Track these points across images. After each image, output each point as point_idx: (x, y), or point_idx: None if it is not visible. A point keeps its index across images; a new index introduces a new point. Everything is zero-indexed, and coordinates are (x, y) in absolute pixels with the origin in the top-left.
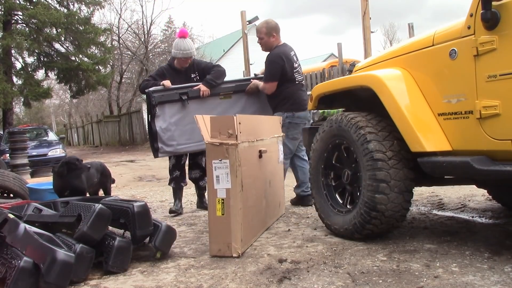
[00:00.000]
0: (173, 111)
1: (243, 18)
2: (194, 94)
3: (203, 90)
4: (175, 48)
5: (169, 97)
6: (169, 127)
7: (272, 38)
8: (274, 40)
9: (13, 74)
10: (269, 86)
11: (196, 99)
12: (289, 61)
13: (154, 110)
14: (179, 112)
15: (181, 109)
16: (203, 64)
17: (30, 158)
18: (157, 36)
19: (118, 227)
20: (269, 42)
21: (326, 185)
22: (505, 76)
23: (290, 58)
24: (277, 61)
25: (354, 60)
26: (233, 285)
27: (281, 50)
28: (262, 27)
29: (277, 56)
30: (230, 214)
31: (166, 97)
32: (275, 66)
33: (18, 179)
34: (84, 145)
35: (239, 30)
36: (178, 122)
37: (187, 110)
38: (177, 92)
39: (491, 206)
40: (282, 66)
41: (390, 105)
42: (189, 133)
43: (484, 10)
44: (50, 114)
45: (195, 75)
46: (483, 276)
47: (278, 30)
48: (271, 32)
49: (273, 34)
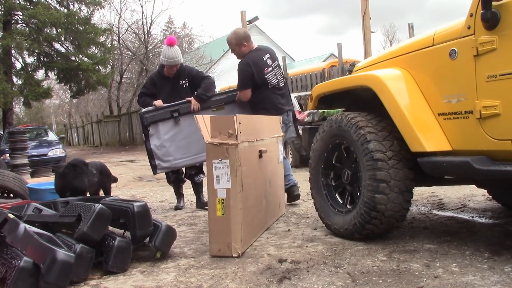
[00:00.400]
0: (166, 129)
1: (243, 18)
2: (185, 110)
3: (194, 104)
4: (163, 55)
5: (160, 116)
6: (163, 143)
7: (243, 47)
8: (245, 48)
9: (13, 74)
10: (242, 94)
11: (188, 114)
12: (258, 67)
13: (147, 130)
14: (172, 129)
15: (174, 126)
16: (193, 72)
17: (30, 158)
18: (157, 36)
19: (118, 227)
20: (241, 51)
21: (326, 185)
22: (505, 76)
23: (260, 63)
24: (245, 69)
25: (354, 60)
26: (233, 285)
27: (250, 57)
28: (231, 39)
29: (245, 64)
30: (230, 214)
31: (158, 116)
32: (244, 73)
33: (18, 179)
34: (84, 145)
35: None
36: (172, 138)
37: (180, 126)
38: (168, 110)
39: (491, 206)
40: (250, 73)
41: (390, 105)
42: (184, 147)
43: (484, 10)
44: (50, 114)
45: (185, 82)
46: (483, 276)
47: (248, 38)
48: (241, 42)
49: (243, 43)
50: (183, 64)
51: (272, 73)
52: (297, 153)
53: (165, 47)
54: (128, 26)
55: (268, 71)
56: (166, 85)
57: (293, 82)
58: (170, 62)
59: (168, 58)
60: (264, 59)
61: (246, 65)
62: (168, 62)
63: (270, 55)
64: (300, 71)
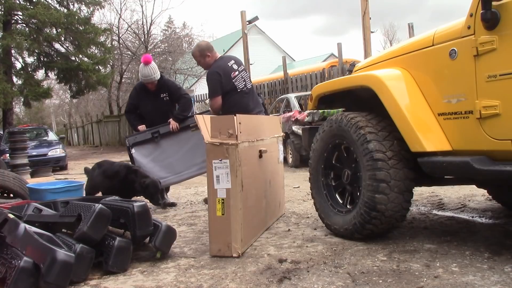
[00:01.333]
0: (149, 150)
1: (243, 18)
2: (165, 131)
3: (173, 125)
4: (140, 73)
5: (142, 137)
6: (148, 165)
7: (207, 58)
8: (210, 59)
9: (13, 74)
10: (214, 102)
11: (169, 135)
12: (226, 72)
13: (130, 151)
14: (155, 150)
15: (156, 147)
16: (172, 88)
17: (30, 158)
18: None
19: (118, 227)
20: (206, 62)
21: (326, 185)
22: (505, 76)
23: (227, 69)
24: (214, 77)
25: (354, 60)
26: (233, 285)
27: (216, 65)
28: (195, 51)
29: (213, 73)
30: (230, 214)
31: (140, 137)
32: (213, 81)
33: (18, 179)
34: (84, 145)
35: (239, 30)
36: (155, 159)
37: (162, 147)
38: (149, 132)
39: (491, 206)
40: (219, 80)
41: (390, 105)
42: (167, 167)
43: (484, 10)
44: (50, 114)
45: (165, 95)
46: (483, 276)
47: (210, 49)
48: (204, 53)
49: (207, 54)
50: (163, 77)
51: (239, 77)
52: (297, 153)
53: (141, 65)
54: (128, 26)
55: (235, 75)
56: (148, 97)
57: (293, 82)
58: (146, 80)
59: (144, 76)
60: (230, 65)
61: (214, 73)
62: (145, 80)
63: (235, 61)
64: (300, 71)
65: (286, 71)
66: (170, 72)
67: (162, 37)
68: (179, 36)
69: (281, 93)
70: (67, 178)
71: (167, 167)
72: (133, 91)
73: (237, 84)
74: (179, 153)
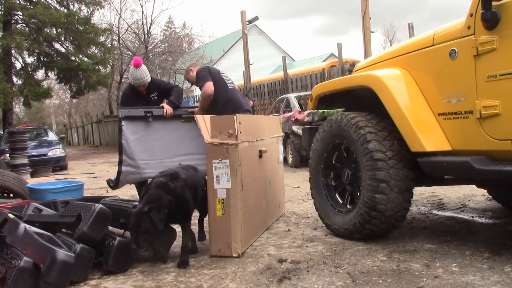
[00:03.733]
0: (138, 128)
1: (243, 18)
2: (158, 113)
3: (167, 109)
4: (131, 76)
5: (134, 113)
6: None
7: (191, 72)
8: (193, 72)
9: (13, 74)
10: (206, 87)
11: (160, 119)
12: (214, 69)
13: (120, 123)
14: (143, 130)
15: (145, 127)
16: (162, 85)
17: (30, 158)
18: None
19: (118, 227)
20: (191, 75)
21: (326, 185)
22: (505, 76)
23: (215, 68)
24: (202, 70)
25: (354, 60)
26: (233, 285)
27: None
28: (184, 74)
29: (199, 69)
30: (230, 214)
31: (132, 112)
32: (201, 73)
33: (18, 179)
34: (84, 145)
35: (239, 30)
36: (141, 138)
37: (150, 129)
38: (143, 109)
39: (491, 206)
40: (208, 71)
41: (390, 105)
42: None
43: (484, 10)
44: (50, 114)
45: (154, 95)
46: (483, 276)
47: (194, 64)
48: (188, 69)
49: (190, 69)
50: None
51: (226, 76)
52: (297, 153)
53: (132, 68)
54: (128, 26)
55: (222, 73)
56: (138, 99)
57: (293, 82)
58: (138, 83)
59: (135, 79)
60: (215, 68)
61: (201, 68)
62: (136, 83)
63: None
64: (300, 71)
65: (286, 71)
66: (170, 72)
67: (162, 37)
68: (179, 36)
69: (281, 93)
70: (67, 178)
71: (150, 149)
72: (123, 97)
73: (226, 80)
74: (164, 139)
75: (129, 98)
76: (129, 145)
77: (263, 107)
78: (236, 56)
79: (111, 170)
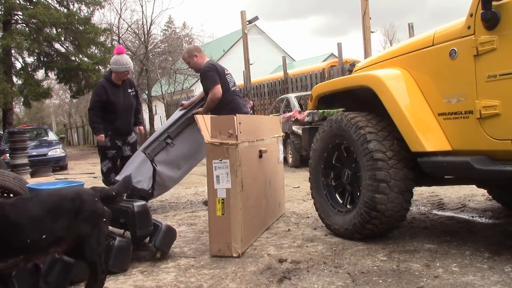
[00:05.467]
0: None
1: (243, 18)
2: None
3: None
4: (117, 63)
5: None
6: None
7: (195, 58)
8: (198, 59)
9: (13, 74)
10: (215, 91)
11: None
12: (220, 68)
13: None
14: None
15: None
16: (134, 84)
17: (30, 158)
18: (157, 36)
19: (118, 227)
20: (195, 61)
21: (326, 185)
22: (505, 76)
23: (220, 66)
24: (211, 69)
25: (354, 60)
26: (233, 285)
27: (210, 62)
28: (184, 54)
29: (209, 66)
30: (230, 214)
31: (156, 150)
32: (210, 72)
33: (18, 179)
34: (84, 145)
35: (239, 30)
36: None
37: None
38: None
39: (491, 206)
40: (216, 71)
41: (390, 105)
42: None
43: (484, 10)
44: (50, 114)
45: (132, 91)
46: (483, 276)
47: (198, 50)
48: (192, 53)
49: (194, 55)
50: None
51: (229, 76)
52: (297, 153)
53: (116, 56)
54: (128, 26)
55: (227, 73)
56: (118, 93)
57: (293, 82)
58: (126, 68)
59: (123, 64)
60: (221, 65)
61: (210, 66)
62: (125, 68)
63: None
64: (300, 71)
65: (286, 71)
66: (170, 72)
67: (162, 37)
68: (179, 36)
69: (281, 93)
70: (67, 178)
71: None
72: (101, 88)
73: (229, 82)
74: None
75: (107, 90)
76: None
77: (263, 107)
78: (236, 56)
79: None
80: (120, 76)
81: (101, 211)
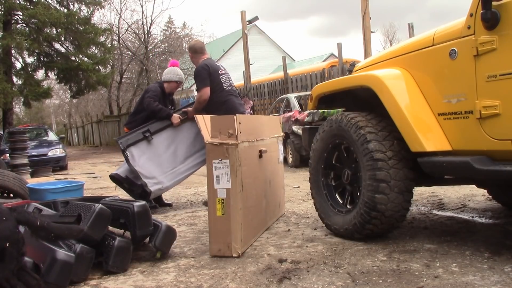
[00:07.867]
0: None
1: (243, 18)
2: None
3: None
4: (173, 73)
5: (134, 138)
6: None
7: (192, 57)
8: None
9: (13, 74)
10: (202, 92)
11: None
12: (214, 68)
13: (125, 153)
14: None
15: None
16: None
17: (30, 158)
18: (157, 36)
19: (118, 227)
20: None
21: (326, 185)
22: (505, 76)
23: (215, 66)
24: (203, 69)
25: (354, 60)
26: (233, 285)
27: (205, 61)
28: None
29: (202, 65)
30: (230, 214)
31: (131, 140)
32: (202, 73)
33: (18, 179)
34: (84, 145)
35: (239, 30)
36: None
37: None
38: (140, 131)
39: (491, 206)
40: (208, 71)
41: (390, 105)
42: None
43: (484, 10)
44: (50, 114)
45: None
46: (483, 276)
47: (194, 50)
48: (189, 52)
49: (190, 54)
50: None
51: (225, 76)
52: (297, 153)
53: (173, 68)
54: (128, 26)
55: (222, 73)
56: (164, 100)
57: (293, 82)
58: (178, 77)
59: (176, 74)
60: (217, 65)
61: (204, 66)
62: (177, 77)
63: (220, 65)
64: (300, 71)
65: (286, 71)
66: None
67: (162, 37)
68: (179, 36)
69: (281, 93)
70: (67, 178)
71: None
72: (156, 94)
73: (224, 81)
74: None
75: (159, 97)
76: (143, 168)
77: (263, 107)
78: (236, 56)
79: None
80: (171, 86)
81: (6, 232)
